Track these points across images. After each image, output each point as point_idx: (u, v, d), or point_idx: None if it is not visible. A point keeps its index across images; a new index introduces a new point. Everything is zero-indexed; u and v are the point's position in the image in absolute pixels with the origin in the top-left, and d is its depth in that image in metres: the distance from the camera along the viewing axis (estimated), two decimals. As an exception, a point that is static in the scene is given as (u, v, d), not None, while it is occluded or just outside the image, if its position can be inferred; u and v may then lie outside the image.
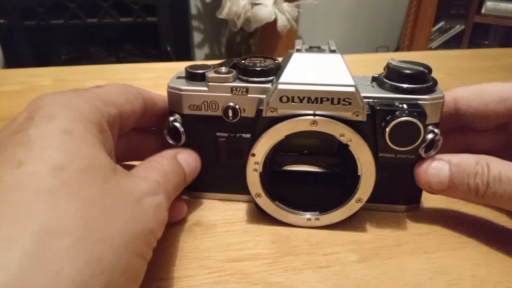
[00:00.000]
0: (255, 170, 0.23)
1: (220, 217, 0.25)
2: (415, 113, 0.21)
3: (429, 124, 0.22)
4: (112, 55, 1.46)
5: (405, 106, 0.21)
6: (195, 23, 1.62)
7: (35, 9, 1.28)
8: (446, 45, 1.70)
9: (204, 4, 1.52)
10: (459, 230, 0.24)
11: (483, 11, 1.59)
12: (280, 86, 0.21)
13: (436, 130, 0.22)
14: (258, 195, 0.23)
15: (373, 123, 0.21)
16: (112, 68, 0.53)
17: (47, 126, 0.16)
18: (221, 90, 0.23)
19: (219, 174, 0.25)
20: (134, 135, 0.24)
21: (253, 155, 0.22)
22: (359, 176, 0.22)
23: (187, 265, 0.21)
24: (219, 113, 0.23)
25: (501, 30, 1.70)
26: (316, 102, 0.21)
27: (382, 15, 1.76)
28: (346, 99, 0.20)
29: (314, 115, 0.21)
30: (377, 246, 0.22)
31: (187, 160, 0.22)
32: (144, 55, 1.47)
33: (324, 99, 0.20)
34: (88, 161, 0.15)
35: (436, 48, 1.72)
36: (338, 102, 0.20)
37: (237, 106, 0.23)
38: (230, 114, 0.23)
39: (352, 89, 0.20)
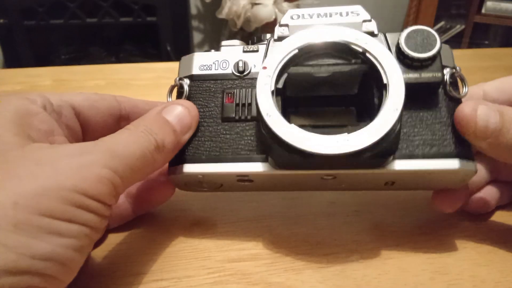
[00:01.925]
0: (266, 84, 0.20)
1: (220, 217, 0.25)
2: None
3: (446, 66, 0.21)
4: (112, 55, 1.46)
5: None
6: (195, 23, 1.62)
7: (35, 9, 1.28)
8: (446, 45, 1.70)
9: (204, 4, 1.52)
10: (459, 230, 0.23)
11: (483, 11, 1.59)
12: (290, 10, 0.22)
13: (457, 67, 0.21)
14: (269, 115, 0.19)
15: (386, 40, 0.21)
16: (112, 68, 0.53)
17: None
18: (233, 51, 0.23)
19: (222, 137, 0.22)
20: None
21: (265, 68, 0.20)
22: (385, 85, 0.19)
23: (187, 265, 0.21)
24: (229, 70, 0.23)
25: (501, 30, 1.70)
26: (326, 16, 0.22)
27: (383, 15, 1.76)
28: (354, 11, 0.22)
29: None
30: (377, 246, 0.22)
31: (177, 115, 0.21)
32: (144, 55, 1.47)
33: (333, 13, 0.22)
34: None
35: (436, 48, 1.72)
36: (347, 14, 0.21)
37: (247, 61, 0.23)
38: (240, 65, 0.23)
39: (359, 5, 0.22)
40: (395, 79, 0.19)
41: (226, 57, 0.23)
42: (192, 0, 1.56)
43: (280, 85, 0.20)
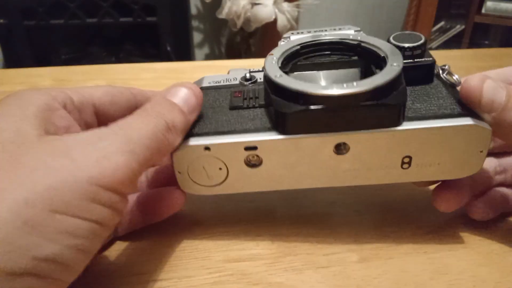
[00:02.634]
0: (274, 63, 0.21)
1: (220, 217, 0.25)
2: None
3: None
4: (112, 55, 1.46)
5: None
6: (195, 23, 1.62)
7: (35, 9, 1.28)
8: (446, 45, 1.70)
9: (204, 4, 1.52)
10: (459, 230, 0.23)
11: (483, 11, 1.58)
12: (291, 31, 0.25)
13: (446, 65, 0.22)
14: (277, 76, 0.20)
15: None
16: (112, 68, 0.53)
17: None
18: (240, 71, 0.25)
19: (230, 118, 0.22)
20: None
21: (271, 54, 0.22)
22: (384, 57, 0.20)
23: (187, 265, 0.21)
24: (236, 82, 0.24)
25: (501, 30, 1.70)
26: (322, 31, 0.24)
27: (382, 15, 1.75)
28: (345, 27, 0.24)
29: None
30: (377, 246, 0.22)
31: (182, 96, 0.21)
32: (144, 55, 1.47)
33: (328, 29, 0.24)
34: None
35: (436, 48, 1.72)
36: (340, 29, 0.24)
37: (254, 75, 0.24)
38: (248, 76, 0.24)
39: (349, 25, 0.24)
40: (392, 51, 0.20)
41: (235, 75, 0.25)
42: (192, 0, 1.56)
43: (286, 70, 0.22)
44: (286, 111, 0.19)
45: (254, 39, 1.42)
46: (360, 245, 0.22)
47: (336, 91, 0.18)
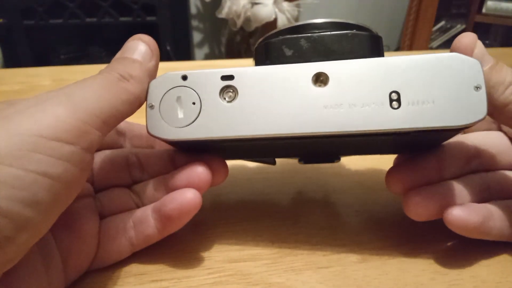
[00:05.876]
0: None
1: (220, 217, 0.25)
2: None
3: None
4: (111, 55, 1.44)
5: None
6: (195, 22, 1.62)
7: (34, 8, 1.28)
8: (447, 45, 1.70)
9: (204, 4, 1.52)
10: (460, 230, 0.23)
11: (484, 10, 1.59)
12: None
13: None
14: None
15: None
16: (111, 67, 0.53)
17: None
18: None
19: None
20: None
21: None
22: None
23: (187, 265, 0.21)
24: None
25: (502, 29, 1.70)
26: None
27: (383, 15, 1.76)
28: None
29: None
30: (377, 246, 0.22)
31: (138, 52, 0.21)
32: (144, 54, 1.47)
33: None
34: None
35: (437, 48, 1.72)
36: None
37: None
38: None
39: None
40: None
41: None
42: (192, 0, 1.56)
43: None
44: (263, 42, 0.20)
45: (254, 38, 1.42)
46: (360, 245, 0.22)
47: (316, 20, 0.19)
